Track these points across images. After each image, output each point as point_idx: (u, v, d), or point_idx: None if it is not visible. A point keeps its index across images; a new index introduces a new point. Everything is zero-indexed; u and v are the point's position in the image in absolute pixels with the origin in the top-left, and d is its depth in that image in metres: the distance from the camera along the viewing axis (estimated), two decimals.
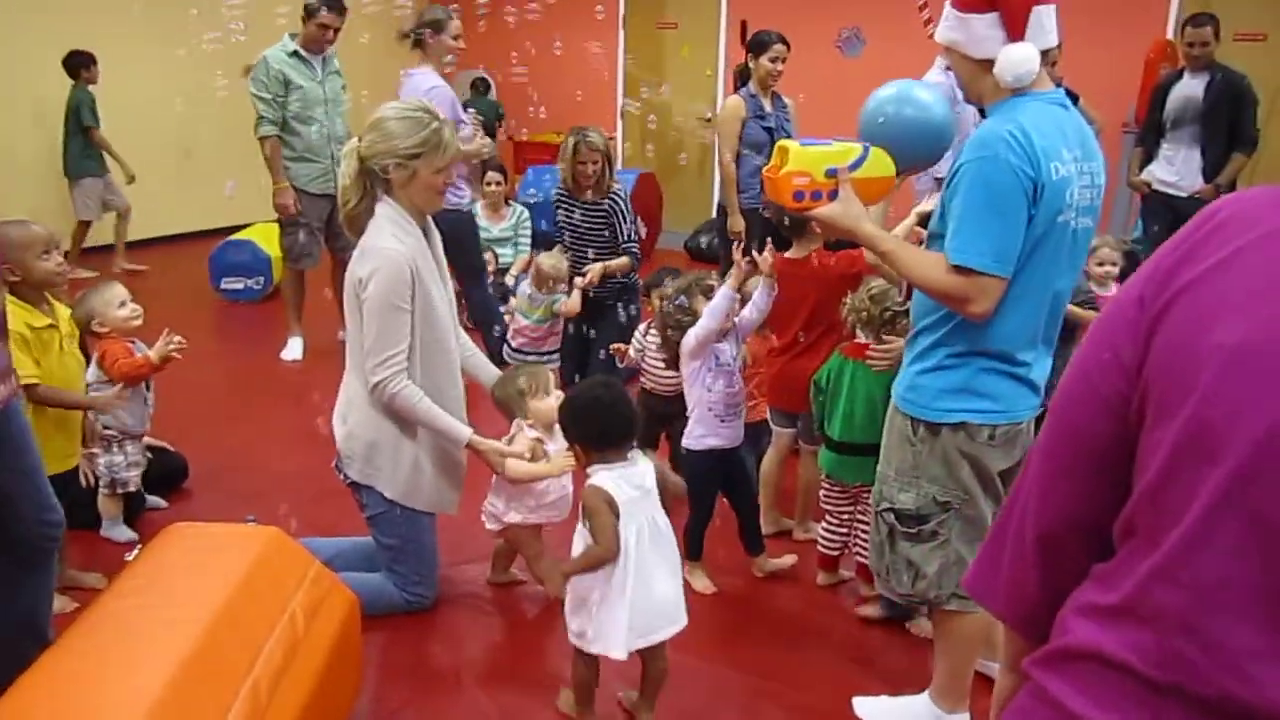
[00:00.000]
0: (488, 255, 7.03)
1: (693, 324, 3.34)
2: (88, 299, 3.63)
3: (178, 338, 3.62)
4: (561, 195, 5.18)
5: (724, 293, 3.24)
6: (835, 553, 3.56)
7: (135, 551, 2.67)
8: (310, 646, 2.37)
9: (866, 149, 2.53)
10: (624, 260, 5.04)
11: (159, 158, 8.87)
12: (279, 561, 2.51)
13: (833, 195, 2.46)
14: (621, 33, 10.80)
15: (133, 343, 3.69)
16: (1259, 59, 6.33)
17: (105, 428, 3.63)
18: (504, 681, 3.01)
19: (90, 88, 7.90)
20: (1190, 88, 6.06)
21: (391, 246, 2.98)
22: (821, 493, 3.55)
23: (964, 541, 2.51)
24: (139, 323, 3.69)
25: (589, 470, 2.63)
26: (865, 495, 3.27)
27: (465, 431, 3.10)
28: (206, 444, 4.52)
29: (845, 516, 3.49)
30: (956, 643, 2.66)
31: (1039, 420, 2.46)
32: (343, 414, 3.23)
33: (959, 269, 2.27)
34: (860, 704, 2.87)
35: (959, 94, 6.05)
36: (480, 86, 10.78)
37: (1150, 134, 6.29)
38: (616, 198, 5.11)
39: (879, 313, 3.24)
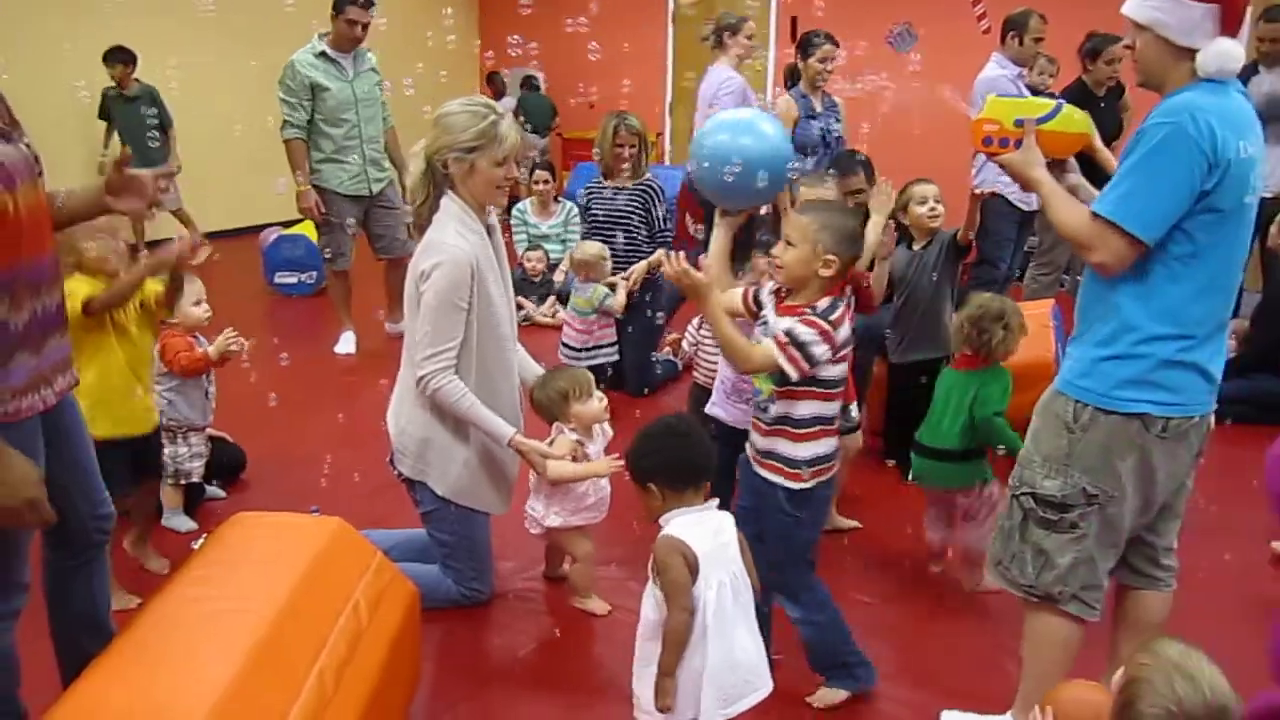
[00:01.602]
0: (538, 252, 7.07)
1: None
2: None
3: (237, 334, 3.67)
4: (593, 184, 5.20)
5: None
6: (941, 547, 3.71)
7: (201, 540, 2.70)
8: (373, 637, 2.39)
9: (1059, 105, 2.60)
10: (660, 254, 5.08)
11: (212, 152, 8.99)
12: (343, 552, 2.53)
13: (1019, 144, 2.55)
14: (670, 28, 10.79)
15: (195, 338, 3.74)
16: None
17: (169, 419, 3.69)
18: (561, 678, 3.01)
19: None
20: (1270, 83, 5.90)
21: (454, 243, 3.00)
22: (932, 512, 3.69)
23: (1098, 543, 2.46)
24: (207, 323, 3.75)
25: (662, 520, 2.39)
26: (962, 501, 3.54)
27: (508, 430, 3.10)
28: (263, 436, 4.57)
29: (942, 511, 3.64)
30: (1050, 651, 2.58)
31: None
32: (396, 409, 3.25)
33: (1098, 217, 2.32)
34: (948, 718, 2.85)
35: (1024, 93, 5.98)
36: (530, 84, 10.82)
37: None
38: (651, 183, 5.11)
39: (978, 334, 3.42)
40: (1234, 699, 1.67)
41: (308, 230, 7.83)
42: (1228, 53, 2.26)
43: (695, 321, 4.18)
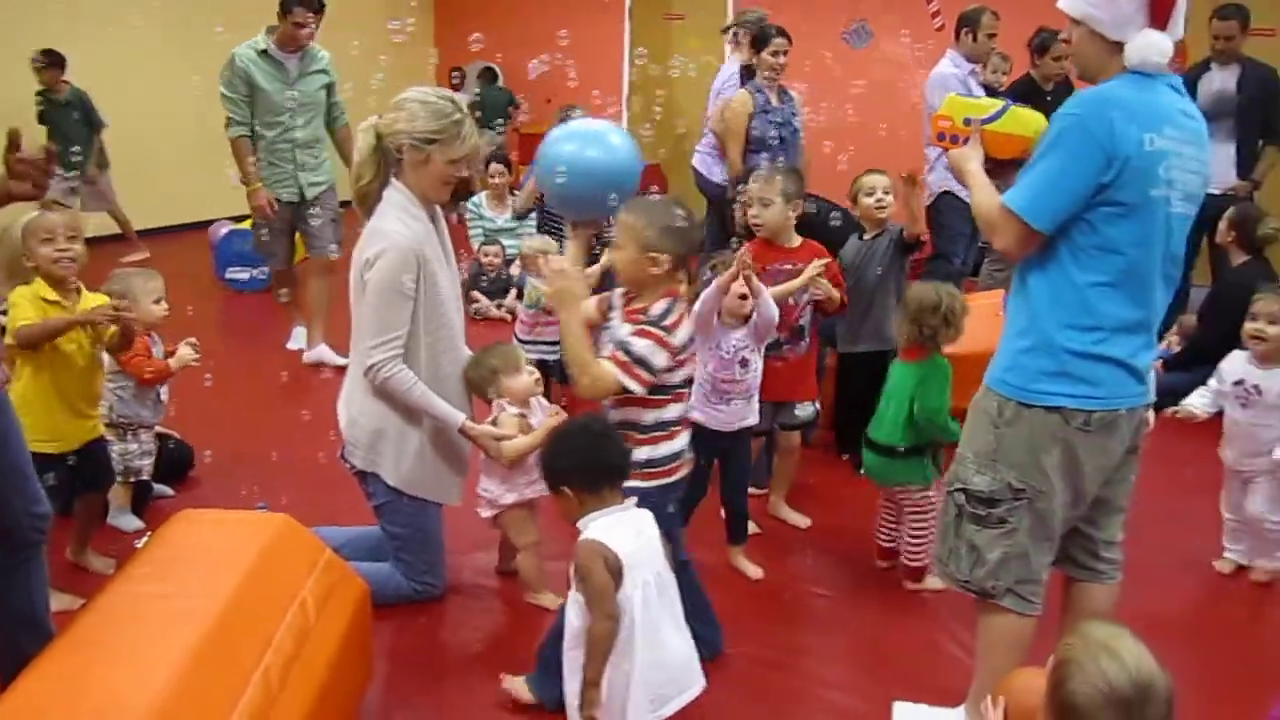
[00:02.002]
0: (494, 247, 7.02)
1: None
2: (131, 277, 3.63)
3: (195, 344, 3.71)
4: None
5: (715, 282, 3.24)
6: (889, 545, 3.68)
7: (145, 538, 2.66)
8: (321, 634, 2.36)
9: (1006, 106, 2.67)
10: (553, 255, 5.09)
11: (162, 147, 8.86)
12: (290, 549, 2.50)
13: (967, 141, 2.65)
14: (628, 24, 10.78)
15: (150, 336, 3.69)
16: (1266, 55, 6.28)
17: (119, 416, 3.63)
18: (514, 670, 3.00)
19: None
20: (1221, 81, 5.96)
21: (399, 230, 2.97)
22: (884, 511, 3.67)
23: (1031, 537, 2.47)
24: (161, 321, 3.69)
25: (580, 523, 2.34)
26: (902, 498, 3.53)
27: (459, 416, 3.09)
28: (213, 433, 4.51)
29: (893, 508, 3.63)
30: (998, 645, 2.59)
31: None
32: (347, 401, 3.21)
33: (1004, 205, 2.39)
34: (899, 709, 2.86)
35: (975, 90, 6.05)
36: (488, 76, 10.76)
37: None
38: None
39: (917, 327, 3.42)
40: (1161, 675, 1.69)
41: None
42: (1152, 44, 2.29)
43: None
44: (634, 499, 2.39)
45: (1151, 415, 2.55)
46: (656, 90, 10.05)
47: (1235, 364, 3.63)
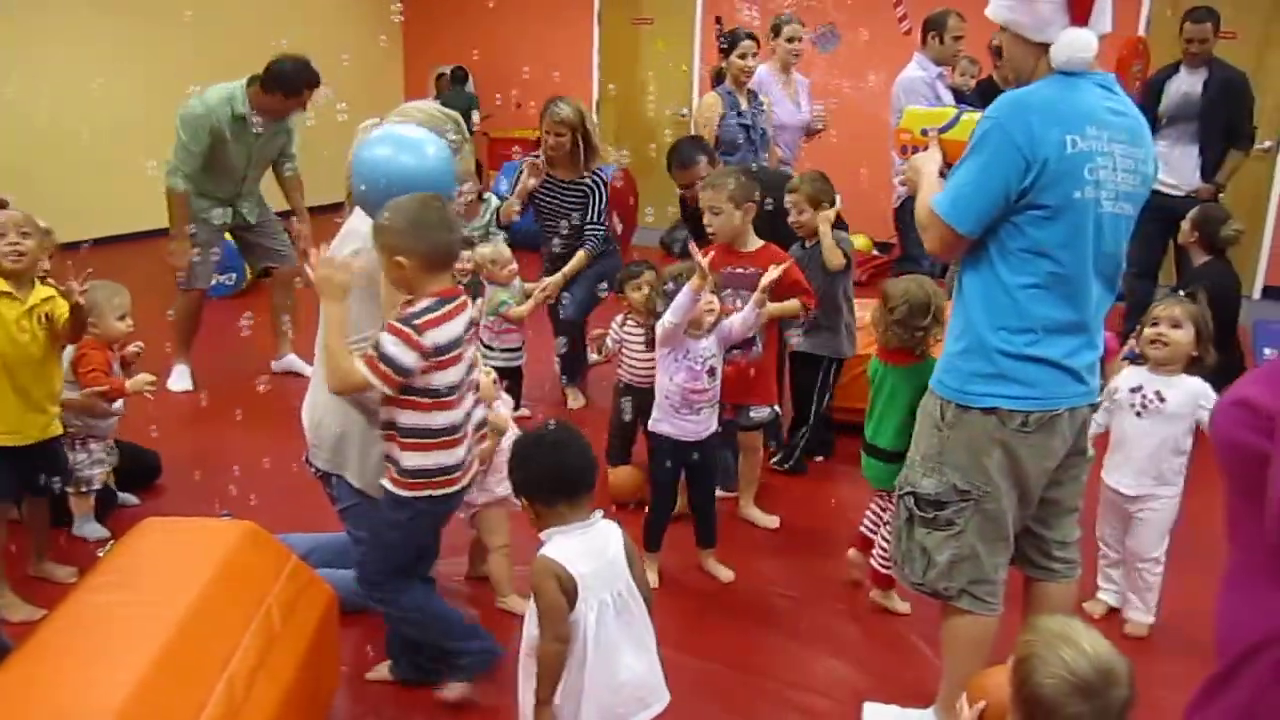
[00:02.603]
0: (464, 253, 6.97)
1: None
2: (98, 291, 3.59)
3: (154, 380, 3.72)
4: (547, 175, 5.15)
5: (684, 290, 3.22)
6: (872, 533, 3.47)
7: (108, 547, 2.63)
8: (287, 641, 2.35)
9: (960, 113, 2.67)
10: (580, 259, 5.11)
11: (123, 155, 8.79)
12: (255, 556, 2.48)
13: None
14: (596, 28, 10.78)
15: (112, 350, 3.67)
16: (1230, 58, 6.34)
17: (69, 425, 3.59)
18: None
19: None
20: (1188, 84, 5.95)
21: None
22: (875, 505, 3.45)
23: (981, 538, 2.49)
24: (125, 337, 3.67)
25: (543, 535, 2.26)
26: (883, 498, 3.32)
27: None
28: (179, 441, 4.47)
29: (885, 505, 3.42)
30: (960, 645, 2.61)
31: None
32: (311, 403, 3.18)
33: (930, 207, 2.43)
34: (869, 710, 2.87)
35: (942, 93, 6.09)
36: (459, 75, 10.70)
37: None
38: (588, 181, 5.05)
39: (910, 332, 3.21)
40: (1120, 659, 1.72)
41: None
42: (1073, 42, 2.30)
43: (619, 319, 4.18)
44: (600, 512, 2.29)
45: (1090, 414, 2.55)
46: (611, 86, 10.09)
47: (1131, 372, 3.35)
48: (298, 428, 3.27)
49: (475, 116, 10.34)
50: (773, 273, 3.53)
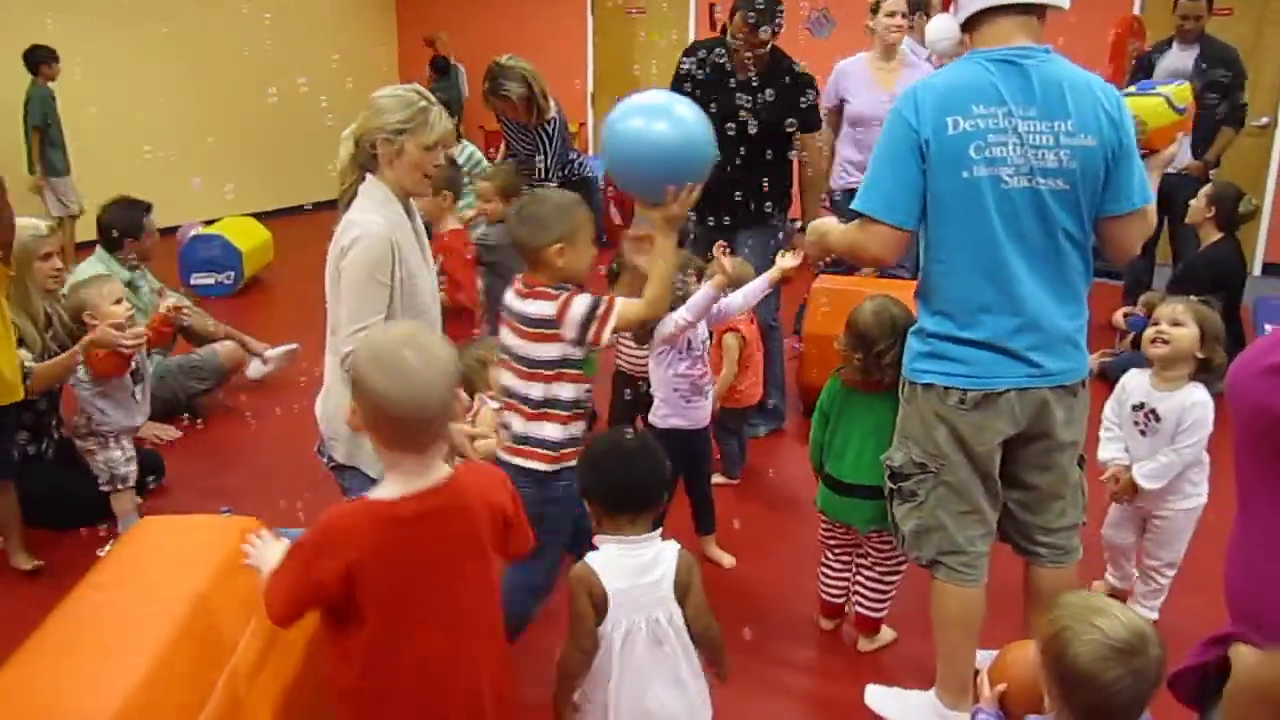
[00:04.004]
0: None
1: (680, 301, 3.19)
2: (81, 290, 3.60)
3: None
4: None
5: (705, 292, 3.16)
6: (839, 600, 3.22)
7: (108, 546, 2.63)
8: (289, 637, 2.33)
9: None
10: None
11: (123, 153, 8.78)
12: None
13: None
14: (590, 18, 10.76)
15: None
16: (1224, 34, 6.32)
17: (99, 424, 3.62)
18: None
19: (50, 84, 7.75)
20: (1180, 60, 5.93)
21: (373, 219, 2.96)
22: (821, 532, 3.19)
23: (945, 510, 2.53)
24: (128, 319, 3.64)
25: (596, 539, 2.23)
26: (871, 540, 3.02)
27: None
28: (183, 440, 4.47)
29: (847, 560, 3.16)
30: (945, 618, 2.64)
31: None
32: (324, 396, 3.18)
33: (858, 214, 2.44)
34: (871, 691, 2.88)
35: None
36: (440, 65, 10.58)
37: None
38: (548, 127, 4.93)
39: (865, 357, 2.87)
40: (1148, 625, 1.77)
41: (224, 230, 7.70)
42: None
43: None
44: (658, 532, 2.23)
45: (1049, 395, 2.45)
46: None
47: (1136, 383, 3.16)
48: (301, 425, 3.27)
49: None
50: (790, 260, 3.35)
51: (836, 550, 3.15)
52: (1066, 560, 2.64)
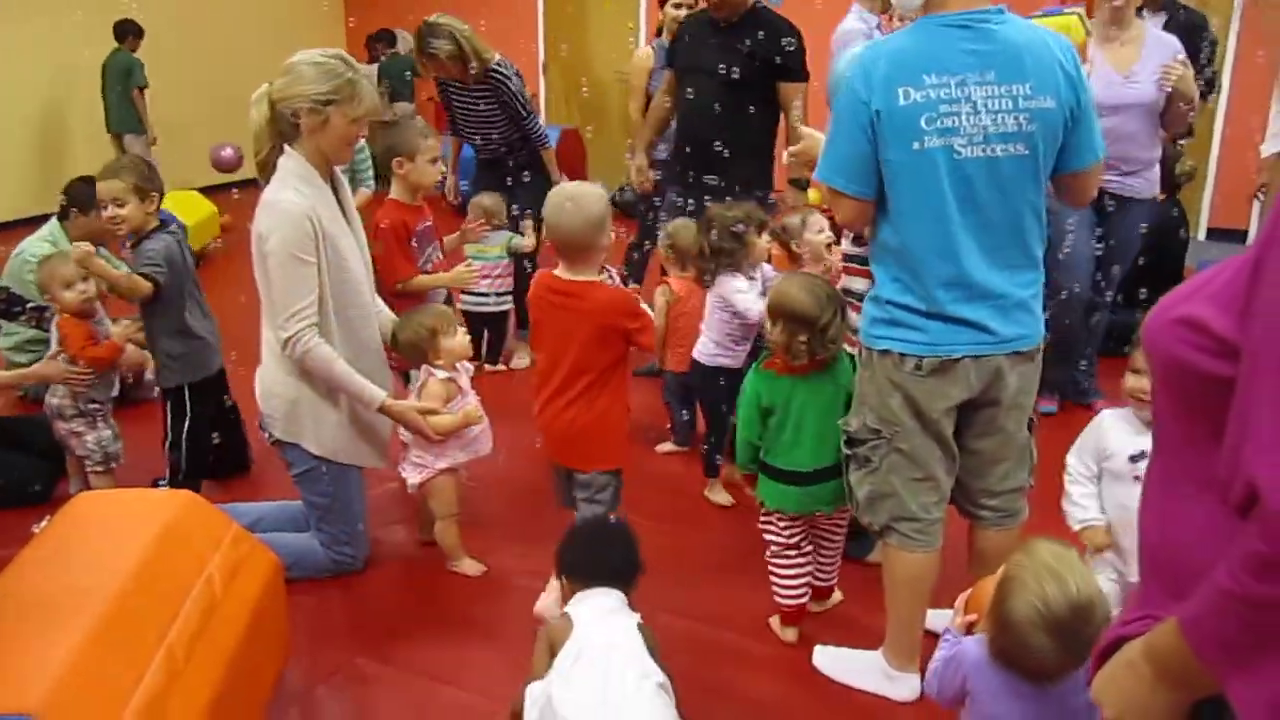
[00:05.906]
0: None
1: (735, 249, 3.57)
2: (44, 264, 3.53)
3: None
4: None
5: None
6: (801, 597, 2.96)
7: (43, 522, 2.59)
8: (229, 609, 2.32)
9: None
10: (549, 157, 5.12)
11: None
12: (194, 525, 2.45)
13: None
14: None
15: (96, 321, 3.58)
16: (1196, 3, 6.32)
17: (88, 404, 3.54)
18: (437, 642, 2.97)
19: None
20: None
21: (290, 199, 2.91)
22: (776, 533, 2.92)
23: (898, 476, 2.52)
24: (88, 303, 3.52)
25: (565, 608, 2.35)
26: (832, 519, 2.95)
27: (379, 394, 3.04)
28: (132, 419, 4.39)
29: (808, 551, 2.96)
30: (896, 584, 2.65)
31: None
32: (262, 374, 3.16)
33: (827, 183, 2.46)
34: (819, 652, 2.88)
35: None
36: (386, 39, 10.39)
37: None
38: (497, 73, 4.83)
39: (810, 338, 2.72)
40: (1102, 599, 1.78)
41: (168, 203, 7.54)
42: None
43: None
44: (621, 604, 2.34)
45: (1005, 364, 2.46)
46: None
47: (1118, 432, 2.54)
48: (251, 400, 3.22)
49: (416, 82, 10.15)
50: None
51: (800, 545, 2.92)
52: (1010, 523, 2.66)
